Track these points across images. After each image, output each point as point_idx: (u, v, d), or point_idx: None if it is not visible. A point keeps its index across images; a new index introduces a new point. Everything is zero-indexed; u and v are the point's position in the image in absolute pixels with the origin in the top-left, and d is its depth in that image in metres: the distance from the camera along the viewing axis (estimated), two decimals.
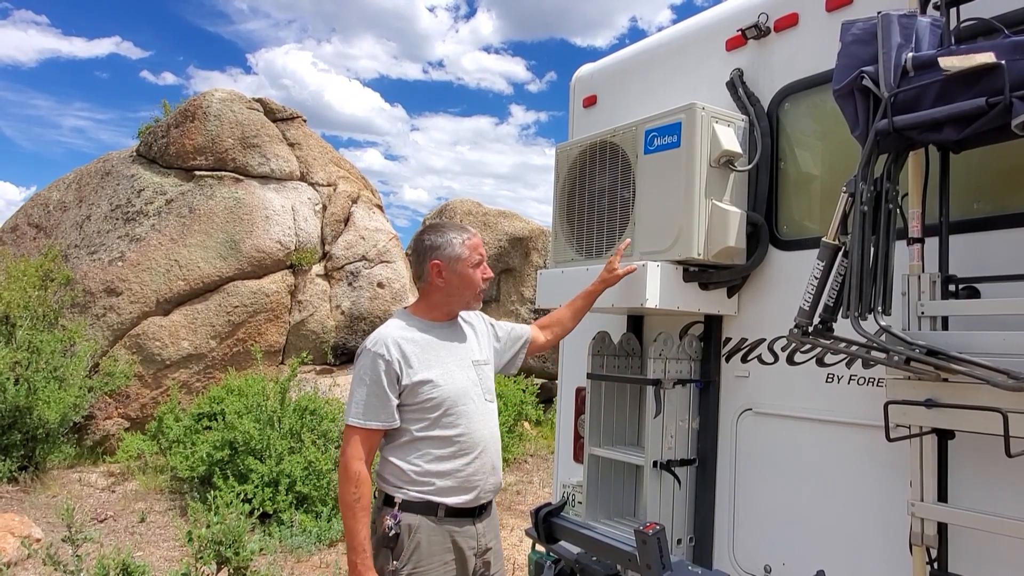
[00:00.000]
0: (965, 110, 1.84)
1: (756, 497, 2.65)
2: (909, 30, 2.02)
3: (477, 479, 2.38)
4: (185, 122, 9.23)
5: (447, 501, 2.33)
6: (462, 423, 2.37)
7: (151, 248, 8.46)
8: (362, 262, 9.46)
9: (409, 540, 2.29)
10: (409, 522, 2.30)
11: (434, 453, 2.33)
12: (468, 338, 2.58)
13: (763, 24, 2.71)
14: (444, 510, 2.33)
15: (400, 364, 2.33)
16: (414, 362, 2.35)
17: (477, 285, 2.50)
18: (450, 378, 2.39)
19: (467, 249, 2.46)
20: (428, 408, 2.34)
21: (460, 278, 2.47)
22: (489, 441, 2.45)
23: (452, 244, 2.46)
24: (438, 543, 2.32)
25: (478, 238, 2.54)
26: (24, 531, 5.25)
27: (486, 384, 2.53)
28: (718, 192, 2.64)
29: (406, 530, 2.29)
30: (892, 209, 2.09)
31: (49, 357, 7.15)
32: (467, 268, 2.46)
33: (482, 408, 2.46)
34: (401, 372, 2.32)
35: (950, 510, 1.99)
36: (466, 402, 2.40)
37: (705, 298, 2.72)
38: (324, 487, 6.02)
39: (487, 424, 2.47)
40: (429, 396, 2.33)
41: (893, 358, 1.99)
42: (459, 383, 2.41)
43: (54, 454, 7.21)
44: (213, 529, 3.77)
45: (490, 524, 2.50)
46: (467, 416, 2.38)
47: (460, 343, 2.53)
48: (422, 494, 2.32)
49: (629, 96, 3.31)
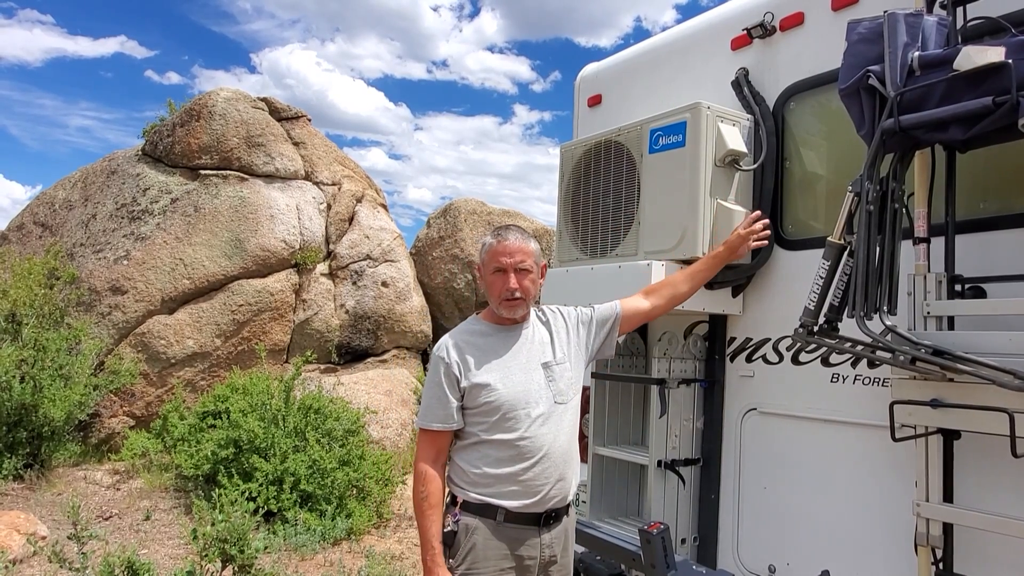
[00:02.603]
0: (971, 109, 1.84)
1: (760, 497, 2.65)
2: (915, 29, 2.01)
3: (539, 484, 2.32)
4: (190, 121, 9.25)
5: (507, 504, 2.30)
6: (521, 427, 2.32)
7: (156, 247, 8.48)
8: (366, 261, 9.47)
9: (466, 540, 2.29)
10: (467, 522, 2.30)
11: (493, 456, 2.31)
12: (540, 339, 2.50)
13: (769, 23, 2.70)
14: (504, 514, 2.30)
15: (459, 367, 2.34)
16: (472, 365, 2.35)
17: (497, 293, 2.41)
18: (510, 382, 2.35)
19: (488, 255, 2.43)
20: (487, 412, 2.33)
21: (485, 283, 2.46)
22: (553, 447, 2.35)
23: (482, 249, 2.47)
24: (495, 548, 2.30)
25: (508, 244, 2.41)
26: (30, 528, 5.27)
27: (558, 385, 2.43)
28: (723, 191, 2.63)
29: (463, 530, 2.30)
30: (898, 209, 2.08)
31: (55, 355, 7.17)
32: (488, 274, 2.44)
33: (549, 412, 2.37)
34: (460, 375, 2.34)
35: (956, 510, 1.99)
36: (526, 406, 2.34)
37: (710, 298, 2.71)
38: (328, 486, 6.03)
39: (553, 429, 2.37)
40: (487, 400, 2.32)
41: (899, 358, 1.98)
42: (520, 386, 2.36)
43: (59, 452, 7.22)
44: (218, 527, 3.77)
45: (559, 535, 2.40)
46: (526, 421, 2.33)
47: (528, 345, 2.46)
48: (482, 496, 2.31)
49: (634, 95, 3.31)
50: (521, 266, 2.39)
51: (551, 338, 2.50)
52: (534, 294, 2.46)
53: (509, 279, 2.37)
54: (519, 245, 2.40)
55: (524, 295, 2.40)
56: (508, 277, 2.38)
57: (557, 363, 2.46)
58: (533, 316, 2.56)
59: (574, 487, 2.45)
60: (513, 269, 2.38)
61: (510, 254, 2.38)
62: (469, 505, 2.32)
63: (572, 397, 2.47)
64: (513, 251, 2.39)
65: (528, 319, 2.51)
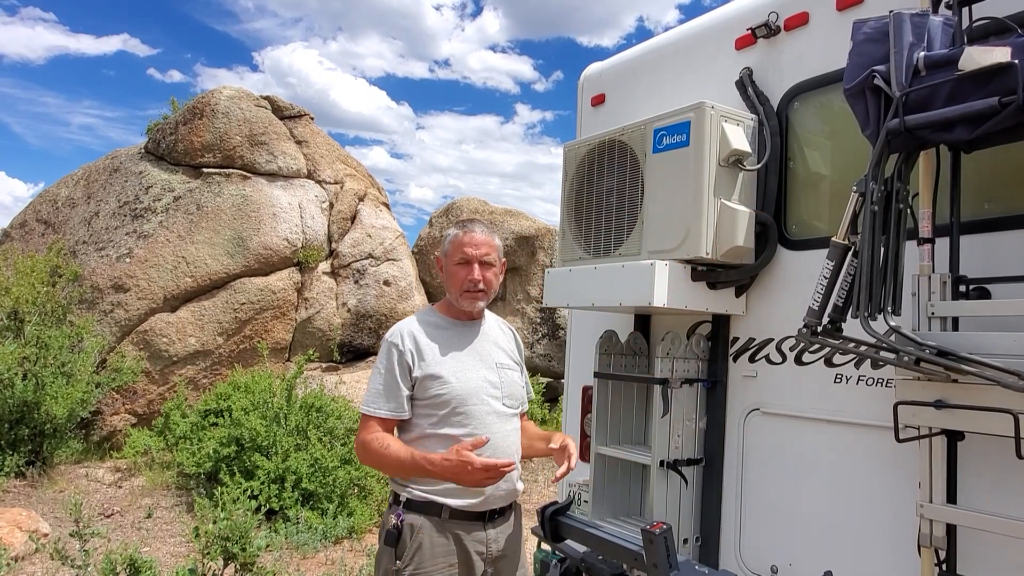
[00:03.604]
0: (977, 110, 1.83)
1: (763, 497, 2.65)
2: (921, 29, 2.01)
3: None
4: (193, 119, 9.26)
5: (450, 502, 2.26)
6: (471, 424, 2.30)
7: (159, 245, 8.49)
8: (368, 260, 9.48)
9: (412, 541, 2.23)
10: (412, 521, 2.25)
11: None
12: (497, 341, 2.51)
13: (773, 23, 2.70)
14: (448, 511, 2.26)
15: (413, 355, 2.32)
16: (427, 355, 2.33)
17: (459, 284, 2.40)
18: (464, 376, 2.34)
19: (452, 246, 2.43)
20: (437, 405, 2.30)
21: (445, 274, 2.46)
22: (501, 445, 2.33)
23: (445, 240, 2.47)
24: (441, 545, 2.25)
25: (474, 236, 2.41)
26: (32, 526, 5.28)
27: (508, 389, 2.43)
28: (727, 191, 2.63)
29: (408, 530, 2.25)
30: (903, 209, 2.08)
31: (57, 353, 7.18)
32: (451, 265, 2.43)
33: (499, 411, 2.37)
34: (413, 363, 2.32)
35: (959, 512, 1.98)
36: (477, 403, 2.33)
37: (713, 297, 2.71)
38: (330, 484, 6.03)
39: (502, 428, 2.36)
40: (438, 392, 2.30)
41: (903, 359, 1.98)
42: (473, 383, 2.35)
43: (61, 449, 7.23)
44: (220, 525, 3.78)
45: (505, 531, 2.38)
46: (478, 417, 2.31)
47: (484, 342, 2.47)
48: (424, 493, 2.27)
49: (638, 95, 3.30)
50: (486, 259, 2.40)
51: (507, 345, 2.55)
52: (495, 288, 2.46)
53: (473, 270, 2.38)
54: (484, 238, 2.42)
55: (486, 287, 2.41)
56: (472, 268, 2.38)
57: (510, 368, 2.49)
58: (493, 318, 2.60)
59: (520, 487, 2.44)
60: (478, 261, 2.38)
61: (476, 246, 2.39)
62: (412, 503, 2.28)
63: (518, 407, 2.48)
64: (479, 243, 2.40)
65: (485, 317, 2.54)
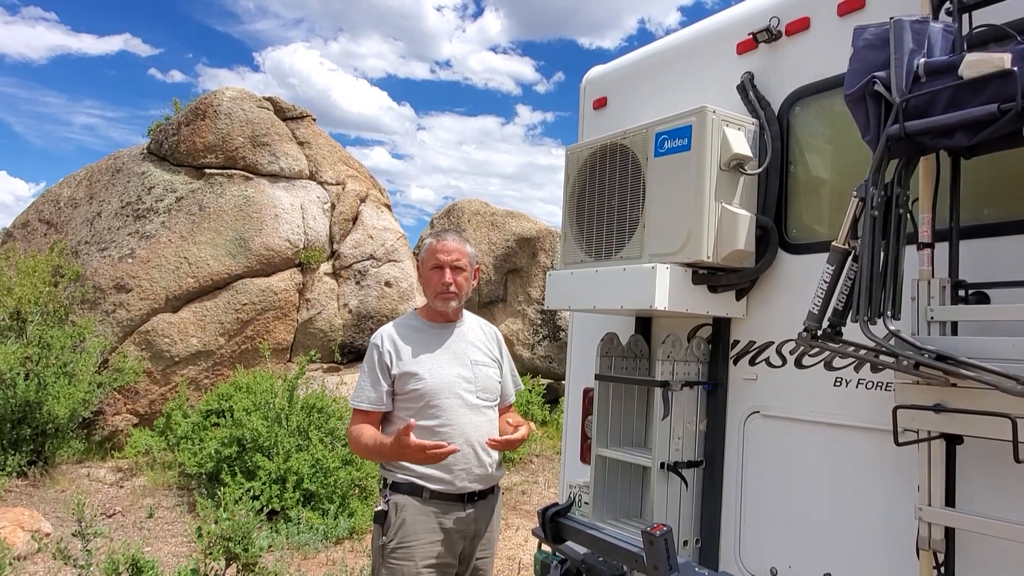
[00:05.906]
0: (977, 116, 1.84)
1: (763, 500, 2.66)
2: (921, 36, 2.02)
3: (459, 470, 2.55)
4: (195, 120, 9.27)
5: (429, 486, 2.54)
6: (443, 416, 2.56)
7: (161, 245, 8.51)
8: (370, 261, 9.49)
9: (396, 517, 2.52)
10: (396, 501, 2.54)
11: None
12: (475, 340, 2.77)
13: (774, 28, 2.71)
14: (429, 492, 2.54)
15: (391, 355, 2.61)
16: (404, 355, 2.62)
17: (434, 287, 2.68)
18: (438, 373, 2.60)
19: (427, 254, 2.71)
20: (413, 398, 2.58)
21: (423, 279, 2.77)
22: (473, 435, 2.59)
23: (422, 248, 2.77)
24: (423, 522, 2.52)
25: (446, 243, 2.68)
26: (34, 525, 5.29)
27: (482, 383, 2.69)
28: (728, 195, 2.64)
29: (393, 508, 2.53)
30: (902, 214, 2.09)
31: (59, 353, 7.20)
32: (427, 270, 2.72)
33: (472, 404, 2.62)
34: (391, 362, 2.61)
35: (958, 515, 2.00)
36: (449, 396, 2.59)
37: (714, 301, 2.72)
38: (331, 485, 6.04)
39: (475, 420, 2.61)
40: (414, 387, 2.58)
41: (902, 363, 1.99)
42: (446, 378, 2.61)
43: (63, 449, 7.25)
44: (222, 525, 3.79)
45: (484, 511, 2.66)
46: (450, 410, 2.58)
47: (460, 341, 2.73)
48: (407, 476, 2.55)
49: (639, 98, 3.32)
50: (456, 264, 2.68)
51: (485, 344, 2.79)
52: (467, 291, 2.74)
53: (445, 274, 2.66)
54: (456, 246, 2.71)
55: (458, 290, 2.68)
56: (444, 272, 2.66)
57: (485, 364, 2.74)
58: (474, 319, 2.86)
59: (498, 474, 2.69)
60: (449, 266, 2.67)
61: (447, 252, 2.68)
62: (398, 485, 2.56)
63: (494, 400, 2.74)
64: (451, 250, 2.69)
65: (464, 319, 2.81)
